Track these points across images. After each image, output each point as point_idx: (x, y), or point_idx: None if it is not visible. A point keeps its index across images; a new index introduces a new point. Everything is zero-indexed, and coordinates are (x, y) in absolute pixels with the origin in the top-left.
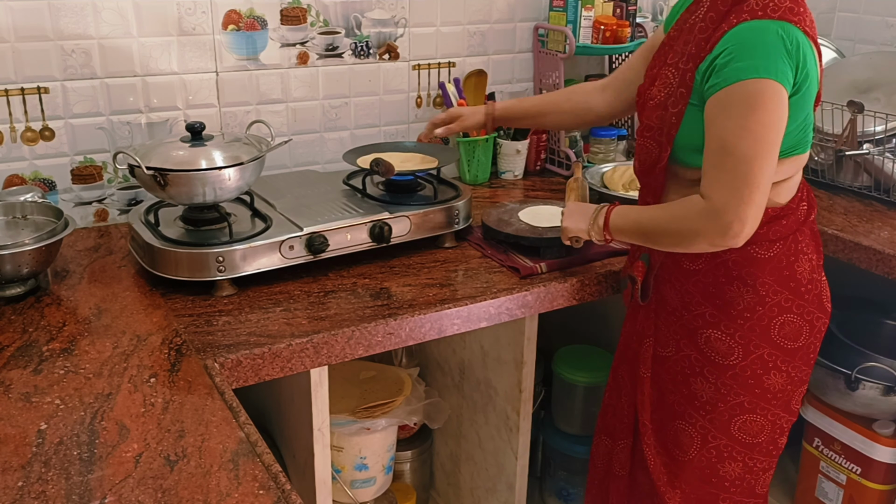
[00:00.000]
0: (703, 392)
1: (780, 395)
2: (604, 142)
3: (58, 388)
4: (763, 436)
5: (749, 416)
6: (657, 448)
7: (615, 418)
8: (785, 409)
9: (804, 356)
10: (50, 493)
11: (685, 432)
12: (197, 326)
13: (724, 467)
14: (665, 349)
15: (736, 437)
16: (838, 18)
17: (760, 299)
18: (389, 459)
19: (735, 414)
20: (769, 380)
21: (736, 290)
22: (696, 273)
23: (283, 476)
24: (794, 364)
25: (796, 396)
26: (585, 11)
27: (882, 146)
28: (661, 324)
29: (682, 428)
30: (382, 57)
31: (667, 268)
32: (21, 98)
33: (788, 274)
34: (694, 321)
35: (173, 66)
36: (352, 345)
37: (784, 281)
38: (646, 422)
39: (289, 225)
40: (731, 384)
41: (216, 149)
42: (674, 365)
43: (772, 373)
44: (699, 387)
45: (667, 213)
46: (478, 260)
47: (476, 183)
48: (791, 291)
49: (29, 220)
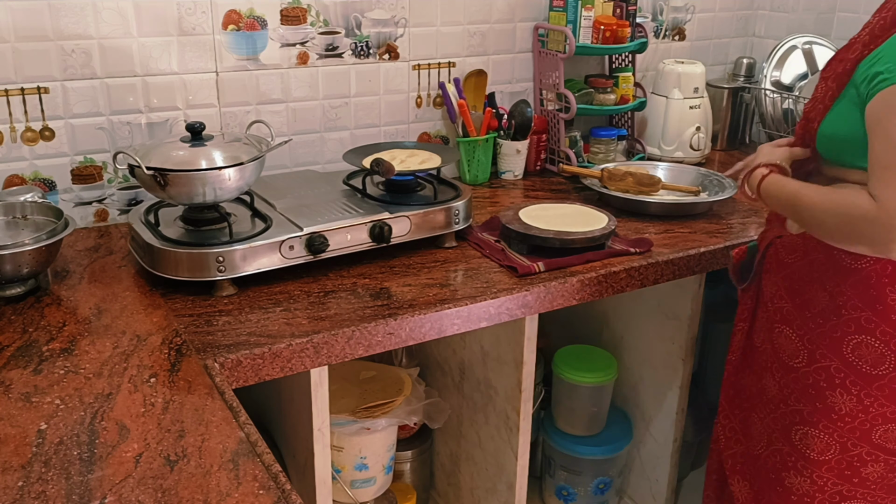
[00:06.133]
0: (770, 388)
1: (848, 419)
2: (604, 142)
3: (58, 388)
4: (830, 455)
5: (810, 430)
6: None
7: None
8: (862, 439)
9: (885, 389)
10: (50, 493)
11: (756, 425)
12: (197, 326)
13: (788, 478)
14: (756, 337)
15: (797, 448)
16: (838, 18)
17: (836, 309)
18: (389, 459)
19: (795, 422)
20: (834, 397)
21: (815, 292)
22: (789, 266)
23: (283, 476)
24: (869, 392)
25: (880, 431)
26: (585, 11)
27: None
28: (759, 312)
29: (754, 420)
30: (382, 57)
31: (770, 257)
32: (21, 98)
33: (876, 294)
34: (775, 314)
35: (173, 66)
36: (352, 345)
37: (869, 300)
38: (724, 403)
39: (289, 225)
40: (794, 388)
41: (216, 149)
42: (758, 355)
43: (839, 391)
44: (768, 382)
45: (828, 202)
46: (478, 260)
47: (476, 183)
48: (876, 313)
49: (29, 220)
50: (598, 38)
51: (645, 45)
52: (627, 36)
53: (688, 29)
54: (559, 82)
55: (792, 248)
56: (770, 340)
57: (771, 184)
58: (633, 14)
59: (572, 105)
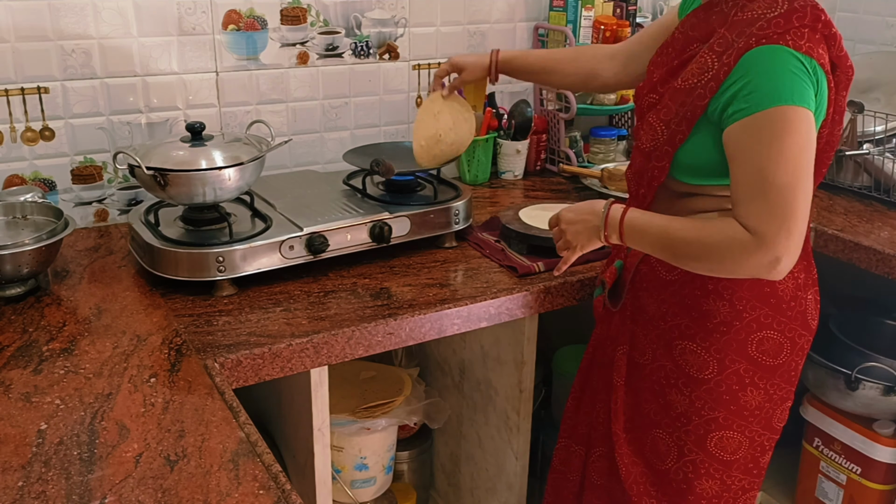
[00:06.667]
0: (678, 404)
1: (757, 412)
2: (604, 142)
3: (58, 388)
4: (741, 453)
5: (725, 433)
6: (632, 458)
7: (589, 426)
8: (766, 427)
9: (785, 374)
10: (50, 493)
11: (663, 441)
12: (197, 326)
13: (700, 484)
14: (642, 357)
15: (712, 453)
16: (838, 18)
17: (738, 314)
18: (389, 459)
19: (710, 430)
20: (745, 396)
21: (712, 303)
22: (673, 283)
23: (283, 476)
24: (773, 381)
25: (778, 413)
26: (585, 11)
27: (882, 146)
28: (637, 331)
29: (659, 437)
30: (382, 57)
31: (644, 275)
32: (21, 98)
33: (769, 290)
34: (670, 332)
35: (173, 66)
36: (352, 345)
37: (764, 297)
38: (618, 431)
39: (289, 225)
40: (706, 398)
41: (216, 149)
42: (650, 373)
43: (748, 389)
44: (674, 398)
45: (698, 233)
46: (478, 260)
47: (476, 183)
48: (771, 308)
49: (29, 220)
50: (598, 38)
51: None
52: (627, 36)
53: None
54: None
55: (671, 266)
56: (670, 358)
57: (635, 220)
58: (633, 14)
59: (572, 105)
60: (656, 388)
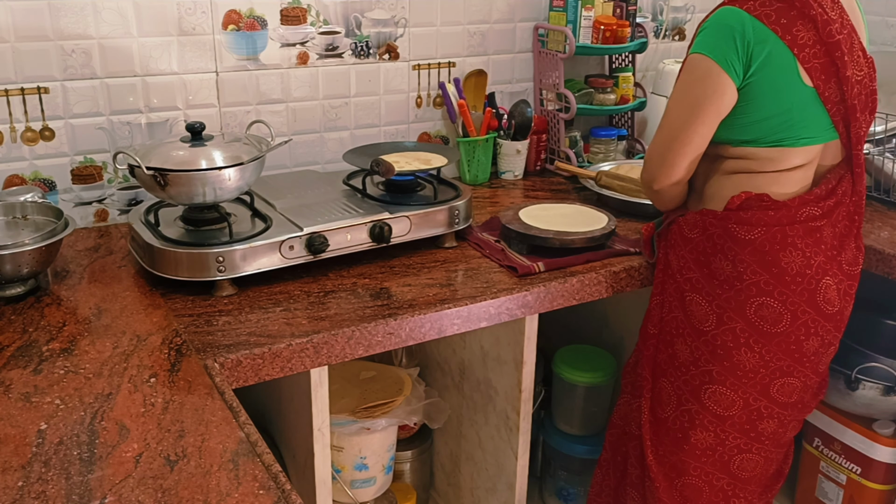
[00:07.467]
0: (681, 354)
1: (752, 374)
2: (604, 142)
3: (58, 388)
4: (734, 411)
5: (719, 388)
6: (649, 404)
7: (635, 375)
8: (762, 393)
9: (783, 344)
10: (50, 493)
11: (665, 390)
12: (197, 326)
13: (695, 434)
14: (666, 307)
15: (706, 405)
16: None
17: (738, 275)
18: (389, 459)
19: (705, 382)
20: (739, 356)
21: (719, 262)
22: (692, 241)
23: (283, 476)
24: (769, 348)
25: (777, 385)
26: (585, 11)
27: (882, 146)
28: (667, 282)
29: (664, 385)
30: (382, 57)
31: (673, 233)
32: (21, 98)
33: (771, 260)
34: (684, 284)
35: (173, 66)
36: (352, 345)
37: (766, 265)
38: (647, 376)
39: (289, 225)
40: (703, 350)
41: (216, 149)
42: (667, 324)
43: (743, 349)
44: (679, 348)
45: None
46: (478, 260)
47: (476, 183)
48: (772, 276)
49: (29, 220)
50: (598, 38)
51: (645, 45)
52: (627, 36)
53: (688, 29)
54: (559, 82)
55: (693, 225)
56: (682, 308)
57: None
58: (633, 14)
59: (572, 105)
60: (667, 337)
